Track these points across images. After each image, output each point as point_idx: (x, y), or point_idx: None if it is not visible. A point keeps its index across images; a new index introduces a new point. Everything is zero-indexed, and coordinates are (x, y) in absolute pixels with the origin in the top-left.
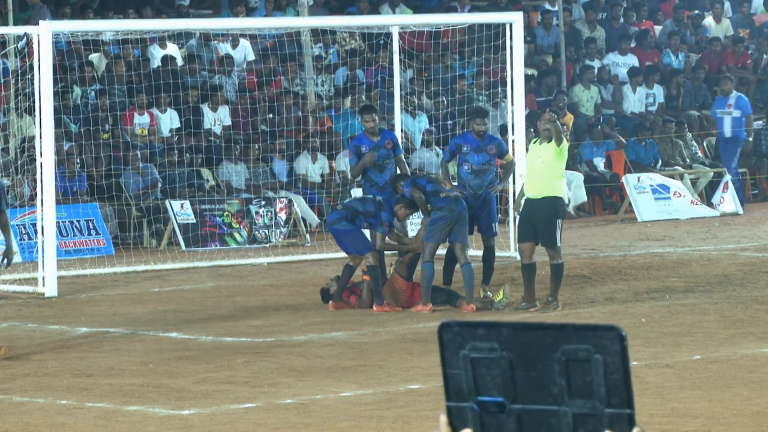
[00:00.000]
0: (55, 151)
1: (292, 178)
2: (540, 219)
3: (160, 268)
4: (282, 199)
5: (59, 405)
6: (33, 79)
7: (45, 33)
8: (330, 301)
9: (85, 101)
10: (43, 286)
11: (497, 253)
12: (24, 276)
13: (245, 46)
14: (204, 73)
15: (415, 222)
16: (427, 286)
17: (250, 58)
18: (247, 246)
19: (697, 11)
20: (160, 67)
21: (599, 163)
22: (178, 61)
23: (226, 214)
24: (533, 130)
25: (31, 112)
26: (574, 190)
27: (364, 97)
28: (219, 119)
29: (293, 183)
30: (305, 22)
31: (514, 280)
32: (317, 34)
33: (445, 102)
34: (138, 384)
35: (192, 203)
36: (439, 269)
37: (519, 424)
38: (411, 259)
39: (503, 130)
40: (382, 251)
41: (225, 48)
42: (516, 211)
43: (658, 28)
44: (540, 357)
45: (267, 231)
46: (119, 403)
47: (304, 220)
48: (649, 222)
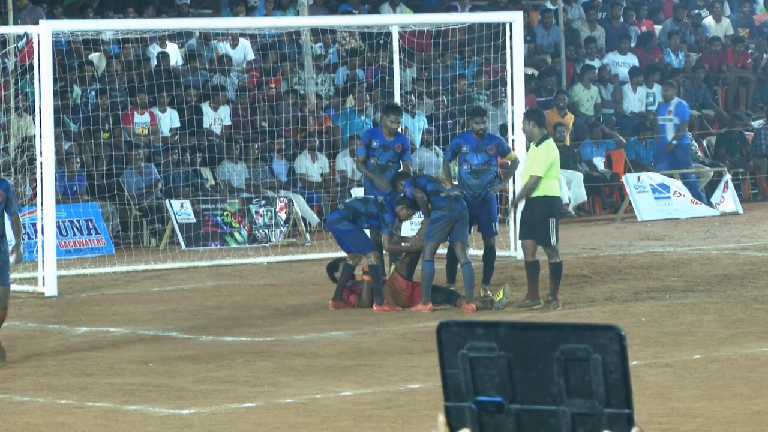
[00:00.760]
0: (55, 150)
1: (291, 178)
2: (533, 219)
3: (160, 267)
4: (282, 198)
5: (59, 404)
6: (33, 78)
7: (45, 32)
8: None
9: (85, 101)
10: (43, 285)
11: (497, 253)
12: (24, 275)
13: (245, 45)
14: (204, 72)
15: (415, 222)
16: (427, 286)
17: (250, 57)
18: (247, 245)
19: (696, 11)
20: (159, 66)
21: (599, 162)
22: (171, 59)
23: (226, 213)
24: None
25: (31, 112)
26: (573, 190)
27: (366, 96)
28: (219, 119)
29: (293, 182)
30: (305, 22)
31: (514, 279)
32: (317, 33)
33: (445, 102)
34: (138, 383)
35: (192, 203)
36: (441, 268)
37: (518, 423)
38: (411, 259)
39: (503, 129)
40: (382, 250)
41: (225, 47)
42: (512, 209)
43: (658, 28)
44: (539, 357)
45: (267, 230)
46: (119, 403)
47: (304, 220)
48: (649, 221)
